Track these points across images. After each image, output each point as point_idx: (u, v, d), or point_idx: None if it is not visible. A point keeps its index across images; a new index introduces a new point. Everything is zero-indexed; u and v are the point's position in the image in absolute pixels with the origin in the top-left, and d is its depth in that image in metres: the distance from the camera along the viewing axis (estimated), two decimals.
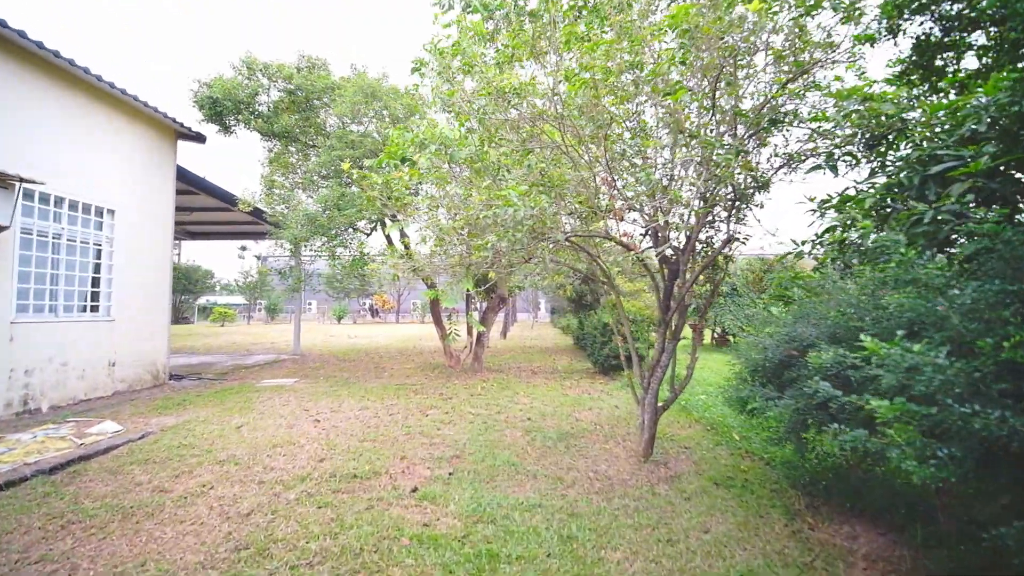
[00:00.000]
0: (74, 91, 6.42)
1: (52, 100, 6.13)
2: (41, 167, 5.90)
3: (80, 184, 6.50)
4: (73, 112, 6.42)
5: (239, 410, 6.09)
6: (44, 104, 6.03)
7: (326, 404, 6.52)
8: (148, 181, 7.70)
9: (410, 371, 9.87)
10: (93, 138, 6.71)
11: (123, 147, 7.22)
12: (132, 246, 7.37)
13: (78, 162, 6.49)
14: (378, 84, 8.15)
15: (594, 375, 9.15)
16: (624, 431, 5.27)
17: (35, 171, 5.73)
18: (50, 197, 6.10)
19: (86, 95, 6.60)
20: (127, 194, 7.29)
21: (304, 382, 8.40)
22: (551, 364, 11.09)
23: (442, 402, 6.68)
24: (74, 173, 6.41)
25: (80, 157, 6.53)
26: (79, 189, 6.47)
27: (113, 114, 7.04)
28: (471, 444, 4.76)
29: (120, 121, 7.16)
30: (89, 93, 6.64)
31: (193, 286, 43.82)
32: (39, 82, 5.98)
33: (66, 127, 6.32)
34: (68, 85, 6.33)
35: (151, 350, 7.71)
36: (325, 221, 7.11)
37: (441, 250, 4.99)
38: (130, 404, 6.44)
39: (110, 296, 6.98)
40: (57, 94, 6.20)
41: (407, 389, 7.69)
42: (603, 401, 6.78)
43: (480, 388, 7.79)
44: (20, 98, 5.77)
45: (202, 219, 12.98)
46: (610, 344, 8.73)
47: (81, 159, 6.54)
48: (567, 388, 7.89)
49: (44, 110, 6.03)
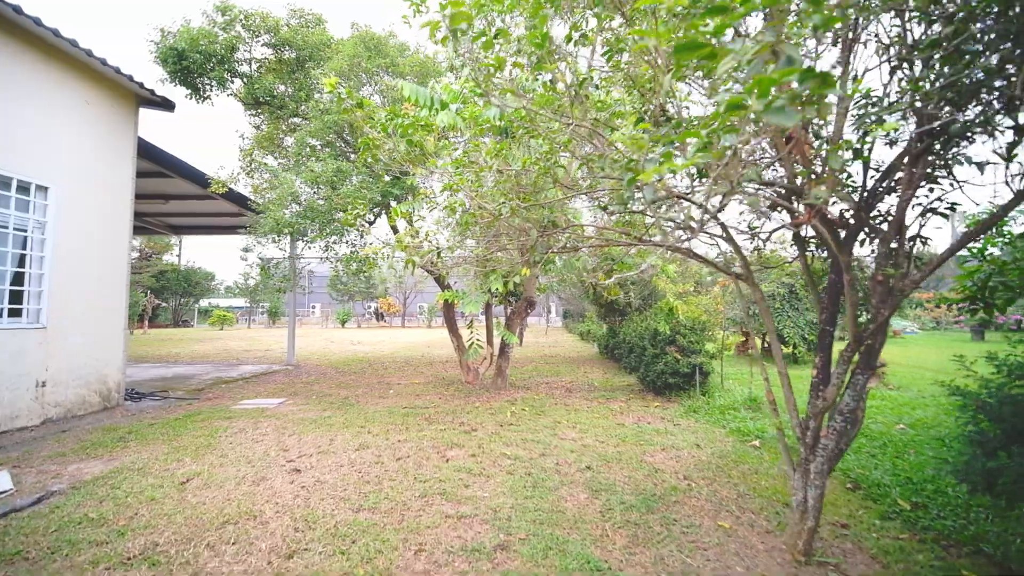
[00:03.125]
0: (1, 36, 4.95)
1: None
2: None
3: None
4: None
5: (194, 450, 4.54)
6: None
7: (312, 440, 4.96)
8: (98, 154, 6.20)
9: (420, 388, 8.31)
10: (20, 92, 5.22)
11: (66, 110, 5.73)
12: (75, 233, 5.86)
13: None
14: (383, 39, 6.66)
15: (643, 395, 7.54)
16: (732, 492, 3.67)
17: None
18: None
19: (17, 42, 5.12)
20: (69, 169, 5.79)
21: (291, 403, 6.84)
22: (583, 378, 9.50)
23: (465, 437, 5.10)
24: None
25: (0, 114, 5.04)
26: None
27: (55, 69, 5.56)
28: (518, 517, 3.18)
29: (62, 78, 5.67)
30: (21, 39, 5.16)
31: (193, 288, 42.61)
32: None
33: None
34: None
35: (100, 364, 6.19)
36: (315, 202, 5.58)
37: (472, 232, 3.49)
38: (55, 440, 4.90)
39: (40, 296, 5.46)
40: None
41: (418, 415, 6.12)
42: (674, 436, 5.19)
43: (509, 414, 6.21)
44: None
45: (182, 209, 11.48)
46: (665, 358, 7.14)
47: (2, 118, 5.05)
48: (618, 414, 6.29)
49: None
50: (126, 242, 6.65)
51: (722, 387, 7.42)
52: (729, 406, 6.29)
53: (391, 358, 13.61)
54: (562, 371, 10.65)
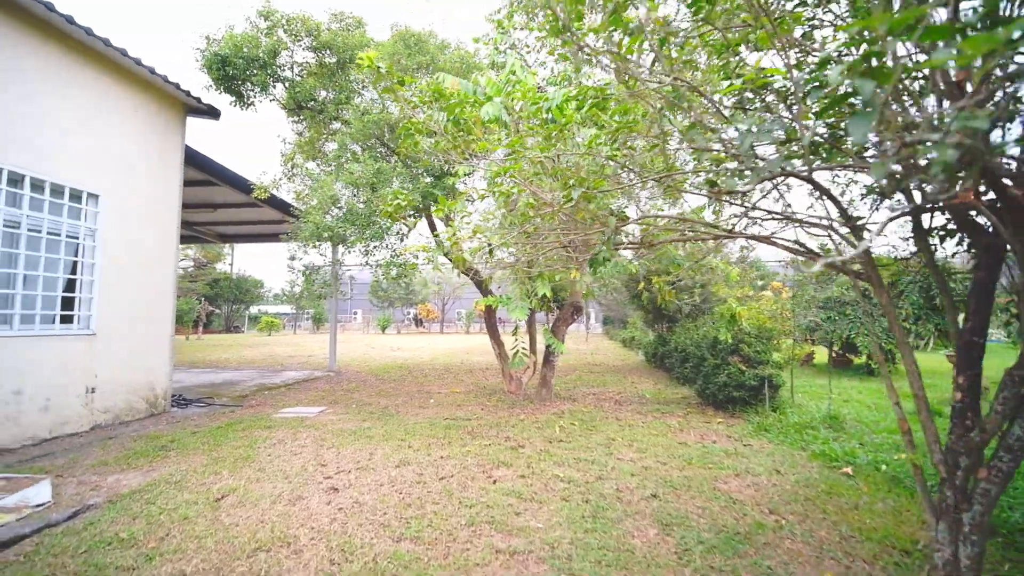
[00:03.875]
0: (55, 46, 5.04)
1: (26, 51, 4.75)
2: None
3: (49, 159, 5.08)
4: (49, 68, 5.04)
5: (232, 463, 4.37)
6: (16, 54, 4.65)
7: (351, 453, 4.70)
8: (147, 163, 6.28)
9: (461, 397, 8.00)
10: (71, 103, 5.31)
11: (115, 118, 5.82)
12: (124, 241, 5.93)
13: (49, 130, 5.08)
14: (424, 35, 6.47)
15: (701, 409, 6.92)
16: (832, 532, 3.10)
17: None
18: (1, 172, 4.66)
19: (71, 53, 5.22)
20: (118, 177, 5.86)
21: (331, 412, 6.68)
22: (632, 389, 8.92)
23: (512, 454, 4.71)
24: (44, 146, 5.00)
25: (52, 123, 5.12)
26: (47, 164, 5.05)
27: (104, 78, 5.65)
28: (580, 556, 2.75)
29: (113, 87, 5.77)
30: (75, 51, 5.26)
31: (244, 295, 44.54)
32: (6, 29, 4.61)
33: (41, 85, 4.93)
34: (46, 38, 4.96)
35: (147, 371, 6.22)
36: (355, 205, 5.39)
37: (525, 227, 3.17)
38: (100, 447, 4.87)
39: (91, 303, 5.51)
40: (33, 47, 4.83)
41: (460, 428, 5.78)
42: (747, 458, 4.60)
43: (558, 428, 5.77)
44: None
45: (229, 217, 11.76)
46: (728, 368, 6.51)
47: (55, 127, 5.14)
48: (677, 431, 5.73)
49: (15, 61, 4.65)
50: (174, 250, 6.71)
51: (792, 402, 6.70)
52: (805, 424, 5.61)
53: (430, 365, 13.43)
54: (608, 381, 10.10)
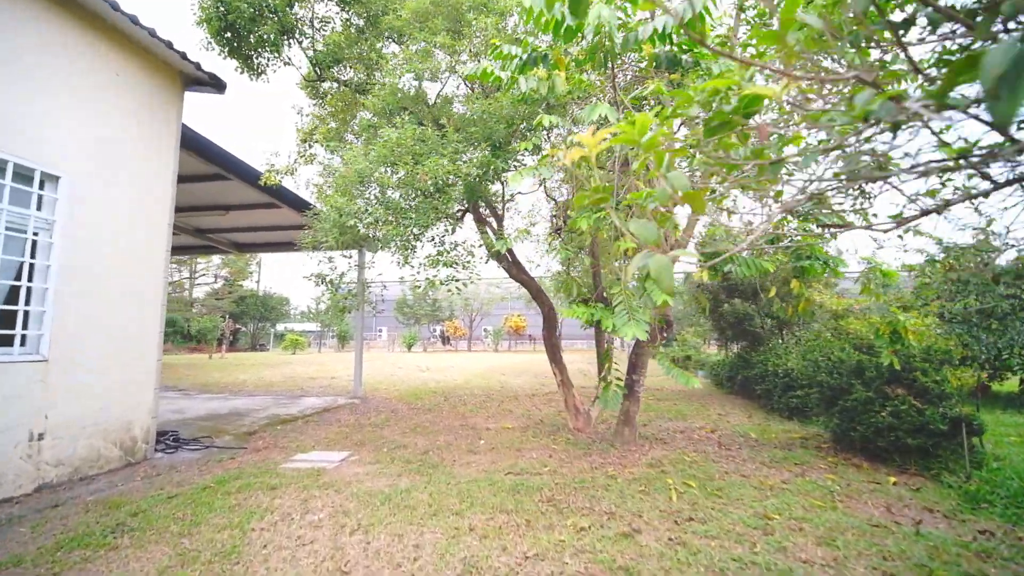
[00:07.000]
0: None
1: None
2: None
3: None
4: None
5: (207, 564, 2.83)
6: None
7: (387, 543, 3.11)
8: (130, 141, 4.98)
9: (517, 436, 6.36)
10: (22, 56, 4.03)
11: (83, 81, 4.54)
12: (94, 239, 4.59)
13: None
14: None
15: (843, 456, 5.11)
16: None
17: None
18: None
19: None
20: (87, 156, 4.55)
21: (356, 460, 5.13)
22: (724, 423, 7.13)
23: (630, 549, 3.04)
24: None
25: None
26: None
27: (71, 29, 4.39)
28: None
29: (81, 41, 4.51)
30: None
31: (269, 313, 44.04)
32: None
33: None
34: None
35: (123, 407, 4.82)
36: (387, 180, 3.90)
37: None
38: (30, 527, 3.41)
39: (42, 319, 4.15)
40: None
41: (534, 492, 4.13)
42: (1008, 562, 2.82)
43: (674, 495, 4.07)
44: None
45: (245, 222, 10.54)
46: (892, 404, 4.71)
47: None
48: (843, 498, 3.97)
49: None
50: (163, 253, 5.37)
51: (983, 448, 4.83)
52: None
53: (466, 389, 11.84)
54: (685, 411, 8.31)
